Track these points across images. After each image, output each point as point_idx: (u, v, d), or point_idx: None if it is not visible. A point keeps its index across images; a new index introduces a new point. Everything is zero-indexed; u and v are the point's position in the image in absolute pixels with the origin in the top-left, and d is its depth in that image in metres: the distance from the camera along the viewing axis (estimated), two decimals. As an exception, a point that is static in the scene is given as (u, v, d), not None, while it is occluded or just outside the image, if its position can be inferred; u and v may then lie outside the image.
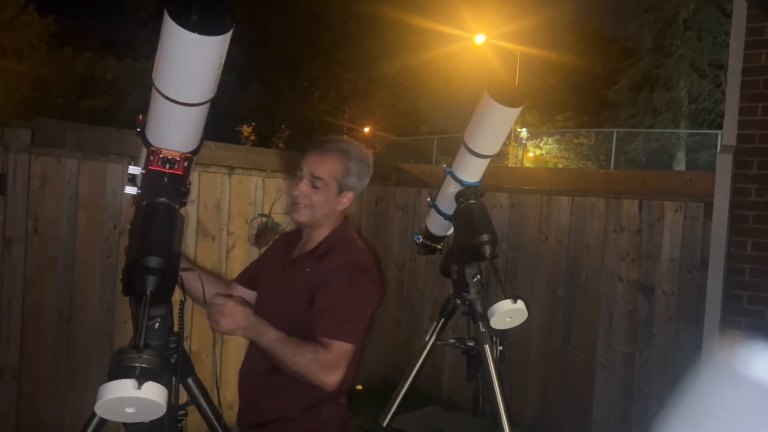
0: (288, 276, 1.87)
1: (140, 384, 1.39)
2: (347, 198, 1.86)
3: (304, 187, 1.82)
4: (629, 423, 3.74)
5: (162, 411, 1.44)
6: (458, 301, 2.98)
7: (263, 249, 2.28)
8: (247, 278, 2.08)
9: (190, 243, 3.53)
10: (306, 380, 1.69)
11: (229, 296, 1.75)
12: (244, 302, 1.74)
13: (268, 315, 1.74)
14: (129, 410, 1.42)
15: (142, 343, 1.48)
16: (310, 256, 1.86)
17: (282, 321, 1.72)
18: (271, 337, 1.66)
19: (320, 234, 1.89)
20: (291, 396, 1.80)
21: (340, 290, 1.75)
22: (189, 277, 1.84)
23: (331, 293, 1.75)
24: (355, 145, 1.91)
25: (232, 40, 1.59)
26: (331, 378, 1.68)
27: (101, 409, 1.42)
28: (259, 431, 1.87)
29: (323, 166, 1.82)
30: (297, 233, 2.01)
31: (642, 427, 3.58)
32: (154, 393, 1.41)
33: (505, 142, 7.40)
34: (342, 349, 1.70)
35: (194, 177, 3.50)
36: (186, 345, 2.15)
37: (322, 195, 1.82)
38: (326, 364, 1.68)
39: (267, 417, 1.85)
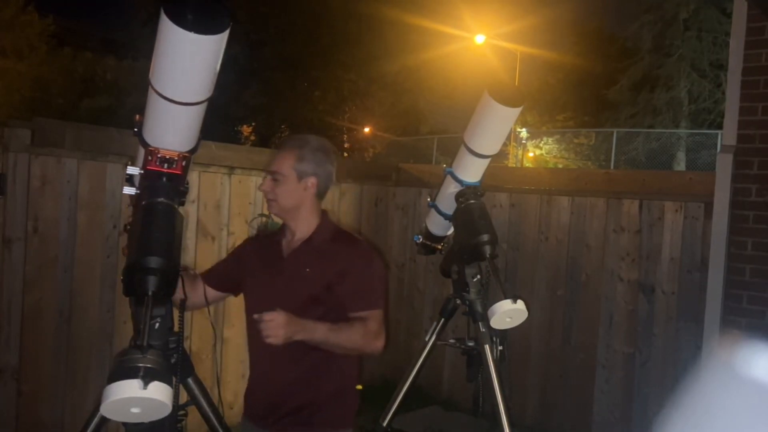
0: (292, 269, 1.98)
1: (146, 384, 1.40)
2: (311, 183, 2.00)
3: (266, 183, 2.01)
4: (629, 423, 3.73)
5: (168, 410, 1.45)
6: (458, 301, 2.98)
7: (233, 249, 2.37)
8: (216, 279, 2.17)
9: (190, 243, 3.53)
10: (360, 353, 1.97)
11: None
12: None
13: (276, 307, 1.86)
14: (134, 410, 1.42)
15: (145, 343, 1.49)
16: (307, 246, 2.01)
17: (298, 308, 1.84)
18: (324, 329, 1.83)
19: (305, 226, 2.03)
20: (317, 384, 1.95)
21: (362, 273, 1.98)
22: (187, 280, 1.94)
23: (356, 277, 1.96)
24: (312, 137, 2.08)
25: (233, 40, 1.59)
26: (381, 342, 1.94)
27: (107, 410, 1.42)
28: (290, 418, 1.95)
29: (278, 161, 1.99)
30: (272, 236, 2.14)
31: (642, 428, 3.57)
32: (160, 393, 1.42)
33: (505, 142, 7.41)
34: (379, 315, 1.96)
35: (194, 177, 3.51)
36: (186, 345, 2.15)
37: (283, 186, 1.97)
38: (375, 332, 1.93)
39: (295, 405, 1.95)
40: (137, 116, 1.75)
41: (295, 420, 1.94)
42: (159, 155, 1.72)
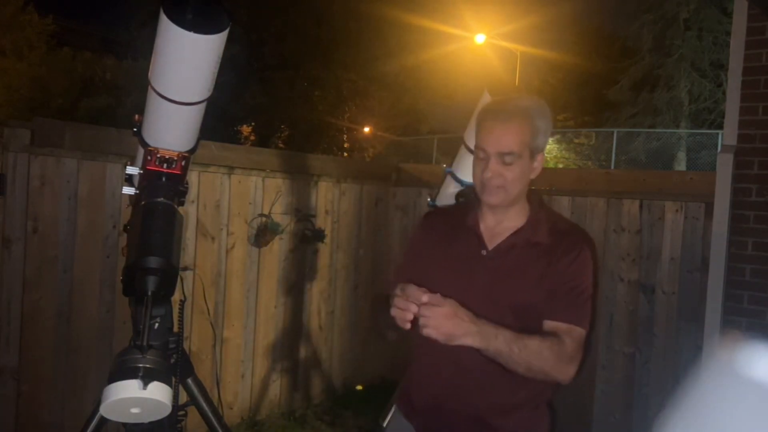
0: (499, 268, 1.60)
1: (146, 384, 1.40)
2: (539, 162, 1.60)
3: (495, 166, 1.54)
4: (630, 423, 3.73)
5: (167, 411, 1.45)
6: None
7: (407, 247, 1.92)
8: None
9: (189, 243, 3.53)
10: (545, 377, 1.54)
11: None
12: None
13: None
14: (134, 410, 1.42)
15: (145, 343, 1.48)
16: (518, 239, 1.61)
17: (506, 319, 1.52)
18: (507, 337, 1.44)
19: (516, 214, 1.64)
20: (520, 412, 1.64)
21: (579, 278, 1.59)
22: None
23: (571, 280, 1.58)
24: (529, 98, 1.63)
25: (232, 40, 1.59)
26: (573, 370, 1.52)
27: (107, 410, 1.42)
28: None
29: (511, 138, 1.53)
30: (458, 214, 1.72)
31: (642, 428, 3.57)
32: (159, 393, 1.42)
33: (506, 142, 7.35)
34: (582, 336, 1.55)
35: (194, 177, 3.51)
36: (186, 345, 2.15)
37: (517, 169, 1.55)
38: (572, 355, 1.51)
39: (492, 425, 1.61)
40: (137, 116, 1.75)
41: None
42: (158, 155, 1.72)
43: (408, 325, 1.42)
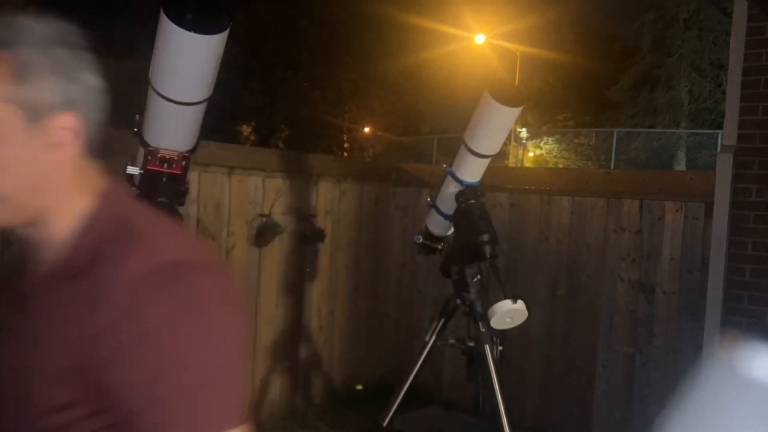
0: (29, 326, 0.89)
1: None
2: (63, 125, 0.86)
3: None
4: (630, 423, 3.73)
5: None
6: (458, 301, 2.98)
7: None
8: None
9: (189, 243, 3.53)
10: None
11: None
12: None
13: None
14: None
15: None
16: (66, 271, 0.85)
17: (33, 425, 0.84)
18: None
19: (61, 229, 0.88)
20: None
21: (159, 335, 0.77)
22: None
23: (146, 350, 0.77)
24: (23, 18, 0.88)
25: (233, 40, 1.59)
26: None
27: None
28: None
29: None
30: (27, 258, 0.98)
31: (643, 428, 3.57)
32: None
33: (505, 142, 7.40)
34: None
35: (194, 177, 3.50)
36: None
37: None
38: None
39: None
40: (137, 116, 1.75)
41: None
42: (159, 155, 1.73)
43: None
